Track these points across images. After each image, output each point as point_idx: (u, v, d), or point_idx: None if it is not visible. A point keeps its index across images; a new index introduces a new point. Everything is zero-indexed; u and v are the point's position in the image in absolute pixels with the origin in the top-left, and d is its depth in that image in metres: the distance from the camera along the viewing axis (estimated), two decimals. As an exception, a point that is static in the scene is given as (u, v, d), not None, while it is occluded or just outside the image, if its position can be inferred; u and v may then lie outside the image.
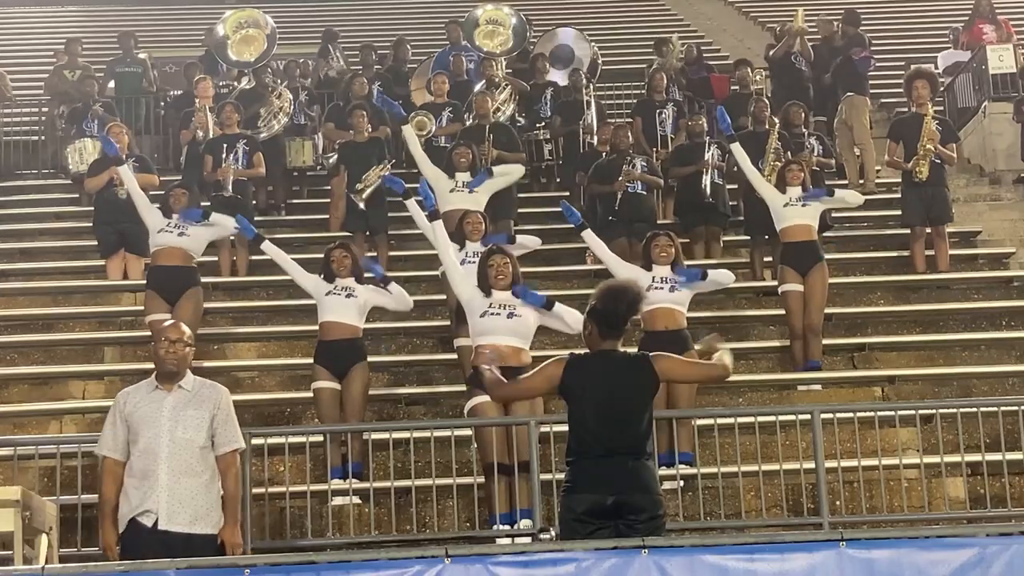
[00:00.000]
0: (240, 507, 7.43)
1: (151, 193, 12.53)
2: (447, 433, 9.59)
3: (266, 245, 11.17)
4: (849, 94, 16.54)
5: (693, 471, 9.58)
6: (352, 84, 16.08)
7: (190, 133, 15.33)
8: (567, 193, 15.76)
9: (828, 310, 12.17)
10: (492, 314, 9.35)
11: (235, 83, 17.39)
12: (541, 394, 7.65)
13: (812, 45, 17.52)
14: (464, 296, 9.63)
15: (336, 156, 15.20)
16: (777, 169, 12.73)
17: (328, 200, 15.38)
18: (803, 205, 11.88)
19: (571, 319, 9.35)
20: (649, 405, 6.81)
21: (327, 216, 15.16)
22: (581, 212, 14.69)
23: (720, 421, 9.86)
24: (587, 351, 6.86)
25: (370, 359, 10.69)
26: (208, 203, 14.13)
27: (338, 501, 9.60)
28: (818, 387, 11.69)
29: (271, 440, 9.38)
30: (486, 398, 9.23)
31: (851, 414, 10.00)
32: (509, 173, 12.99)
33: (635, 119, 15.69)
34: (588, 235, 10.70)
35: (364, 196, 13.75)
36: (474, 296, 9.51)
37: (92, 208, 14.52)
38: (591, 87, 16.84)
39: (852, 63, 16.76)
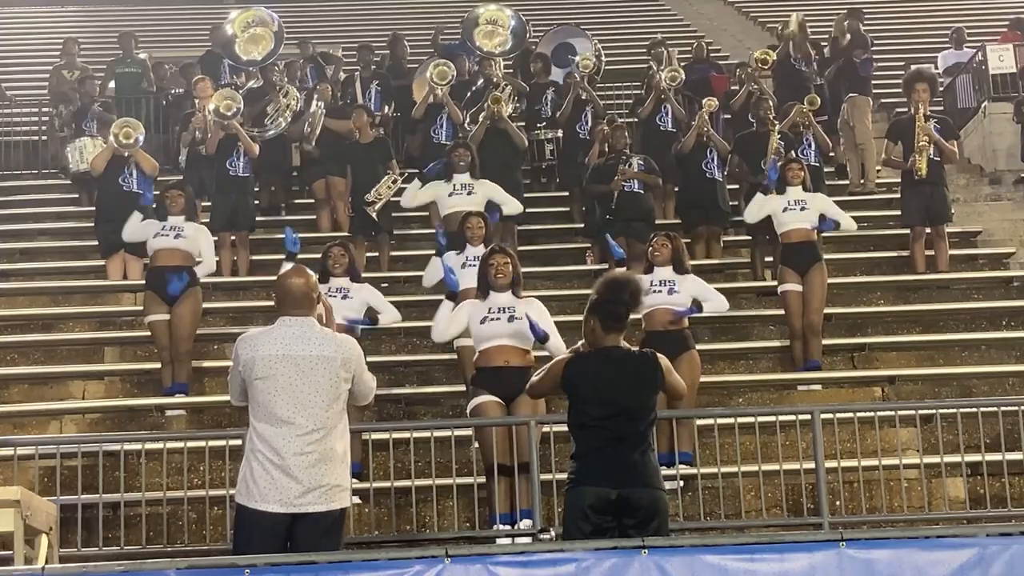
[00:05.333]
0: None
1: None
2: (447, 433, 9.59)
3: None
4: (852, 95, 16.54)
5: (693, 471, 9.58)
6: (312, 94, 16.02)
7: (190, 134, 15.31)
8: (567, 193, 15.79)
9: (828, 310, 12.17)
10: (492, 319, 9.32)
11: (233, 77, 17.33)
12: (549, 393, 7.68)
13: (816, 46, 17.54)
14: (467, 326, 9.49)
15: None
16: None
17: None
18: (801, 209, 11.90)
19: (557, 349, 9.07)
20: (654, 401, 6.83)
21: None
22: (582, 212, 14.80)
23: (720, 421, 9.87)
24: (590, 349, 6.85)
25: (370, 359, 10.63)
26: (210, 203, 14.17)
27: (338, 501, 9.58)
28: (818, 387, 11.70)
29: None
30: (488, 398, 9.23)
31: (851, 414, 10.01)
32: (507, 203, 12.83)
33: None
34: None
35: (376, 208, 13.73)
36: (472, 314, 9.44)
37: (92, 208, 14.52)
38: (592, 89, 16.80)
39: (855, 65, 16.76)
